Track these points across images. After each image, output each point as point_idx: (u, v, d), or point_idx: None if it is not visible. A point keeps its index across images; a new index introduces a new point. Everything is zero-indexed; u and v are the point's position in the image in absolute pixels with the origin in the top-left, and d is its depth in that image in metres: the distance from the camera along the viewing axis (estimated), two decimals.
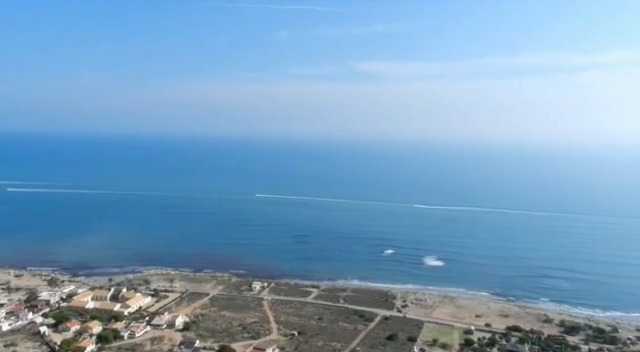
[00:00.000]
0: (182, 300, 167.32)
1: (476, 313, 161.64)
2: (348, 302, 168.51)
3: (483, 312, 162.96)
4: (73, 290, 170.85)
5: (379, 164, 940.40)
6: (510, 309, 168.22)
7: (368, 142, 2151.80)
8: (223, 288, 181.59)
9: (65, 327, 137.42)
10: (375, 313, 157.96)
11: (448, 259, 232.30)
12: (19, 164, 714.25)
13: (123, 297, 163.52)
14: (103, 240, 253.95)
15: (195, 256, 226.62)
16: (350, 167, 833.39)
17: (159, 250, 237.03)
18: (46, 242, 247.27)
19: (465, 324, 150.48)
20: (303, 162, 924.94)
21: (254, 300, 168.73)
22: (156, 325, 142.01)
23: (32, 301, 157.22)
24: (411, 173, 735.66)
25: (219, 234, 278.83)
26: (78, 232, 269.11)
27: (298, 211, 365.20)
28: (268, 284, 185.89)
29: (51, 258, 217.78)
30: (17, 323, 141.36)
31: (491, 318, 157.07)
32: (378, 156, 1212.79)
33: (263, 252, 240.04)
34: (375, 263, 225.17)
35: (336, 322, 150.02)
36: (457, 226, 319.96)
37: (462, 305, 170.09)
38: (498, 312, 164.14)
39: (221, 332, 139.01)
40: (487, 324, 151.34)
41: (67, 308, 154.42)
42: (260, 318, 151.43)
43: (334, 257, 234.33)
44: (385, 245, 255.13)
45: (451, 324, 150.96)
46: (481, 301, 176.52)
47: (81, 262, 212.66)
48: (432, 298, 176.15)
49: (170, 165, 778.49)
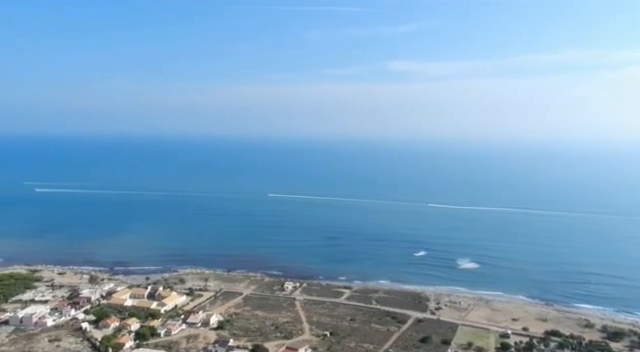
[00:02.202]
0: (216, 299, 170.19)
1: (513, 317, 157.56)
2: (380, 303, 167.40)
3: (520, 316, 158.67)
4: (112, 288, 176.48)
5: (406, 162, 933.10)
6: (548, 313, 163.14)
7: (399, 141, 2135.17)
8: (256, 288, 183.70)
9: (105, 324, 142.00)
10: (408, 315, 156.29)
11: (482, 261, 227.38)
12: (50, 166, 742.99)
13: (159, 295, 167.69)
14: (138, 240, 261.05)
15: (228, 256, 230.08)
16: (375, 166, 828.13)
17: (193, 250, 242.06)
18: (85, 241, 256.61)
19: (501, 328, 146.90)
20: (327, 162, 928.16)
21: (286, 300, 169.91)
22: (191, 323, 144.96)
23: (74, 298, 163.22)
24: (439, 172, 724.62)
25: (251, 234, 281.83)
26: (114, 232, 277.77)
27: (324, 211, 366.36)
28: (300, 284, 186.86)
29: (91, 257, 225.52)
30: (61, 319, 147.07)
31: (528, 322, 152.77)
32: (406, 155, 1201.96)
33: (294, 252, 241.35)
34: (407, 264, 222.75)
35: (368, 323, 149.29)
36: (489, 227, 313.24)
37: (498, 308, 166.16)
38: (536, 316, 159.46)
39: (254, 331, 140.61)
40: (524, 328, 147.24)
41: (107, 305, 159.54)
42: (292, 318, 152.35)
43: (365, 258, 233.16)
44: (416, 246, 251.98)
45: (486, 327, 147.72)
46: (517, 304, 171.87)
47: (119, 261, 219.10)
48: (466, 301, 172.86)
49: (203, 166, 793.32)
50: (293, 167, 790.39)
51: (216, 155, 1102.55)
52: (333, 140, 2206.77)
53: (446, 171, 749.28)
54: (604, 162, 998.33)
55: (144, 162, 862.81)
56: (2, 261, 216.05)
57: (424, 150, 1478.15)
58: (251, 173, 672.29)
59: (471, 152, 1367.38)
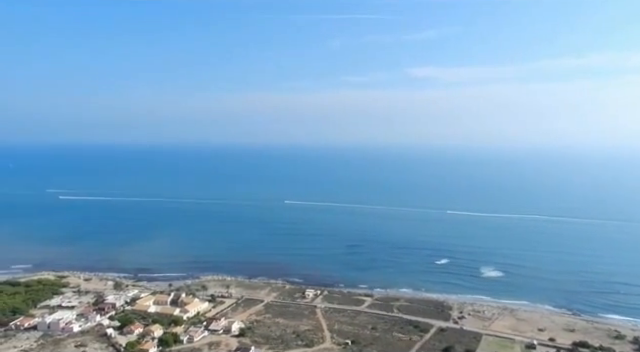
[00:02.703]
0: (238, 306, 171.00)
1: (539, 327, 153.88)
2: (402, 312, 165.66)
3: (546, 326, 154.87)
4: (136, 294, 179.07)
5: (424, 169, 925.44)
6: (576, 323, 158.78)
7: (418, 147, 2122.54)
8: (277, 295, 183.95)
9: (129, 330, 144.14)
10: (430, 324, 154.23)
11: (506, 270, 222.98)
12: (73, 174, 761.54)
13: (182, 302, 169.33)
14: (161, 246, 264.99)
15: (249, 263, 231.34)
16: (393, 173, 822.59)
17: (214, 256, 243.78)
18: (110, 248, 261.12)
19: (527, 338, 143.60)
20: (345, 169, 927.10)
21: (307, 308, 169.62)
22: (213, 330, 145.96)
23: (99, 304, 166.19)
24: (458, 179, 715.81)
25: (270, 241, 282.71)
26: (137, 239, 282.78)
27: (342, 218, 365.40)
28: (321, 292, 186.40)
29: (116, 263, 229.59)
30: (86, 325, 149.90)
31: (555, 332, 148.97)
32: (425, 161, 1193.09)
33: (314, 259, 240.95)
34: (428, 272, 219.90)
35: (390, 332, 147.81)
36: (512, 235, 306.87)
37: (523, 318, 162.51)
38: (563, 326, 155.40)
39: (275, 339, 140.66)
40: (551, 339, 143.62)
41: (131, 311, 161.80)
42: (313, 326, 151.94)
43: (385, 265, 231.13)
44: (437, 254, 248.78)
45: (511, 337, 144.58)
46: (543, 314, 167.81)
47: (143, 267, 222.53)
48: (490, 310, 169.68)
49: (222, 173, 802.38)
50: (309, 174, 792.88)
51: (234, 162, 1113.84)
52: (351, 147, 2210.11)
53: (465, 177, 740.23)
54: (631, 168, 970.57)
55: (164, 170, 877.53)
56: (31, 267, 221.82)
57: (443, 156, 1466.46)
58: (267, 180, 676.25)
59: (491, 158, 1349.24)
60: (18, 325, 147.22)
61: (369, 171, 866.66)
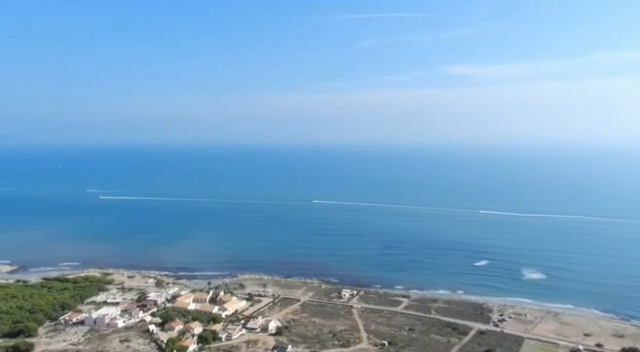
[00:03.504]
0: (274, 305, 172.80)
1: (584, 332, 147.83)
2: (440, 313, 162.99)
3: (593, 331, 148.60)
4: (177, 292, 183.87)
5: (457, 168, 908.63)
6: (626, 329, 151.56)
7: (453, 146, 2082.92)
8: (313, 294, 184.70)
9: (170, 326, 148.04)
10: (469, 326, 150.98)
11: (549, 272, 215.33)
12: (112, 174, 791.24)
13: (221, 300, 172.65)
14: (199, 245, 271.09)
15: (285, 262, 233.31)
16: (424, 172, 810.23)
17: (251, 256, 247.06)
18: (151, 246, 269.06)
19: (572, 343, 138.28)
20: (376, 168, 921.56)
21: (344, 308, 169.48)
22: (251, 328, 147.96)
23: (142, 301, 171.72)
24: (491, 178, 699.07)
25: (305, 241, 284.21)
26: (176, 238, 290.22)
27: (373, 218, 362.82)
28: (357, 292, 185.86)
29: (157, 261, 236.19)
30: (130, 321, 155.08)
31: (603, 338, 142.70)
32: (459, 160, 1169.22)
33: (350, 260, 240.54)
34: (467, 274, 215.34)
35: (428, 334, 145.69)
36: (553, 236, 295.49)
37: (568, 322, 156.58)
38: (611, 332, 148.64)
39: (312, 338, 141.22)
40: (598, 344, 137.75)
41: (172, 308, 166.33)
42: (350, 326, 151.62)
43: (422, 266, 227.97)
44: (475, 255, 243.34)
45: (555, 342, 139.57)
46: (590, 318, 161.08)
47: (182, 266, 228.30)
48: (533, 313, 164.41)
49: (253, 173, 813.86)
50: (338, 174, 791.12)
51: (264, 163, 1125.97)
52: (386, 146, 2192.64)
53: (501, 176, 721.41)
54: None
55: (198, 170, 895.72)
56: (79, 264, 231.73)
57: (481, 155, 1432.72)
58: (296, 180, 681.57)
59: (532, 157, 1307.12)
60: (67, 320, 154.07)
61: (400, 170, 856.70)
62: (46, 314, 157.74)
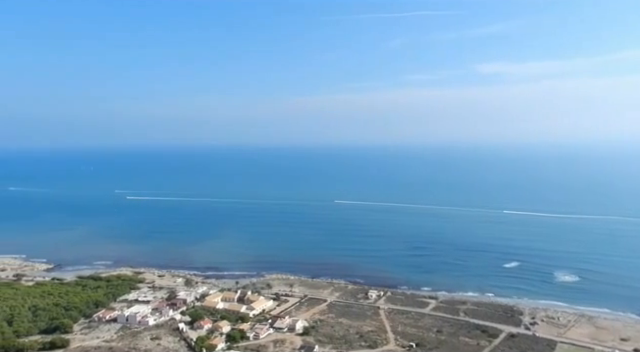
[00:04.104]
0: (301, 305, 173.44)
1: (621, 336, 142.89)
2: (469, 315, 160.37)
3: (630, 335, 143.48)
4: (205, 291, 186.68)
5: (482, 167, 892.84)
6: None
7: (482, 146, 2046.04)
8: (340, 295, 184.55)
9: (199, 325, 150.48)
10: (499, 329, 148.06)
11: (583, 275, 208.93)
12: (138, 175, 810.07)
13: (248, 299, 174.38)
14: (227, 245, 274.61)
15: (311, 262, 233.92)
16: (448, 173, 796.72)
17: (277, 256, 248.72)
18: (180, 246, 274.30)
19: (608, 348, 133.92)
20: (399, 168, 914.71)
21: (370, 308, 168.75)
22: (278, 328, 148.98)
23: (172, 299, 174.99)
24: (515, 177, 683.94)
25: (330, 241, 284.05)
26: (203, 238, 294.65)
27: (397, 218, 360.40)
28: (384, 293, 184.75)
29: (186, 261, 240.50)
30: (160, 319, 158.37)
31: None
32: (486, 160, 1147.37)
33: (376, 260, 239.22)
34: (496, 276, 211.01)
35: (456, 336, 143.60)
36: (586, 237, 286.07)
37: (603, 326, 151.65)
38: None
39: (339, 339, 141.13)
40: (636, 349, 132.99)
41: (200, 307, 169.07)
42: (377, 327, 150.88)
43: (450, 268, 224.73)
44: (505, 257, 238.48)
45: (590, 346, 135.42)
46: (627, 323, 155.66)
47: (211, 265, 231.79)
48: (566, 316, 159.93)
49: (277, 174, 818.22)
50: (360, 174, 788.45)
51: (288, 163, 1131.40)
52: (412, 146, 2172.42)
53: (525, 176, 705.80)
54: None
55: (224, 171, 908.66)
56: (111, 263, 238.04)
57: (504, 154, 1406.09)
58: (318, 180, 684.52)
59: (560, 155, 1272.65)
60: (100, 317, 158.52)
61: (424, 170, 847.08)
62: (80, 311, 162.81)
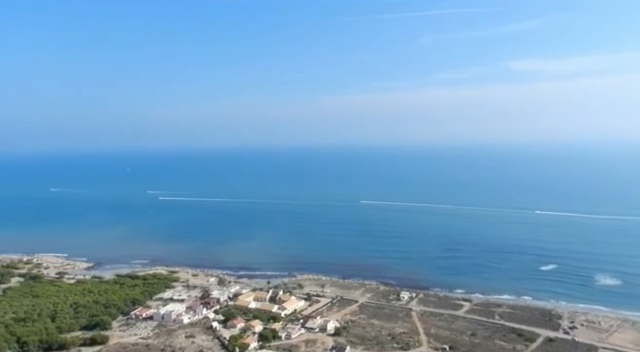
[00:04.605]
0: (333, 305, 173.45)
1: None
2: (504, 319, 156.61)
3: None
4: (238, 290, 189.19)
5: (512, 167, 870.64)
6: None
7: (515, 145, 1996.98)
8: (371, 296, 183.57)
9: (232, 324, 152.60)
10: (537, 333, 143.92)
11: (626, 279, 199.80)
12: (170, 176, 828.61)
13: (280, 299, 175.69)
14: (258, 245, 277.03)
15: (342, 263, 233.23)
16: (478, 172, 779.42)
17: (308, 256, 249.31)
18: (213, 246, 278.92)
19: None
20: (428, 168, 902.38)
21: (402, 310, 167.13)
22: (309, 328, 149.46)
23: (205, 298, 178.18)
24: (547, 177, 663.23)
25: (361, 242, 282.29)
26: (236, 237, 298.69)
27: (426, 219, 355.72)
28: (416, 295, 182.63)
29: (219, 261, 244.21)
30: (194, 317, 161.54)
31: None
32: (518, 159, 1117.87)
33: (409, 261, 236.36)
34: (533, 279, 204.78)
35: (491, 339, 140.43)
36: (626, 239, 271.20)
37: None
38: None
39: (370, 340, 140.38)
40: None
41: (233, 306, 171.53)
42: (409, 329, 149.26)
43: (483, 270, 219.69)
44: (541, 259, 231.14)
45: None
46: None
47: (243, 265, 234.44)
48: (607, 321, 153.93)
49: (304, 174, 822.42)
50: (388, 174, 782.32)
51: (315, 164, 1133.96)
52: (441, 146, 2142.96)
53: (559, 175, 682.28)
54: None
55: (252, 172, 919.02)
56: (147, 262, 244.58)
57: (538, 154, 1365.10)
58: (344, 180, 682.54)
59: (598, 154, 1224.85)
60: (137, 315, 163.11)
61: (454, 171, 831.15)
62: (119, 309, 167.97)
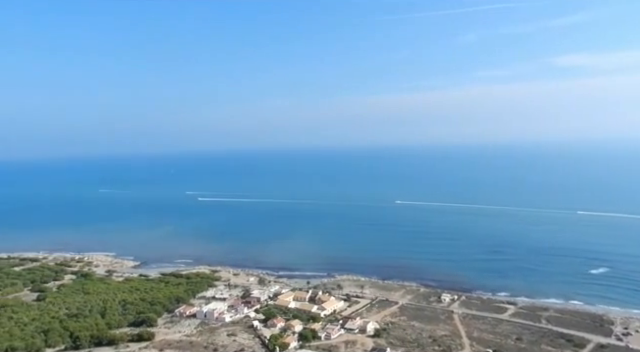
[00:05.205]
0: (372, 307, 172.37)
1: None
2: (552, 323, 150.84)
3: None
4: (278, 290, 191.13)
5: (556, 166, 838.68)
6: None
7: (558, 143, 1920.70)
8: (411, 298, 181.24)
9: (272, 323, 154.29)
10: (587, 339, 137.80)
11: None
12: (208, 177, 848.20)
13: (319, 299, 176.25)
14: (297, 246, 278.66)
15: (381, 264, 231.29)
16: (519, 171, 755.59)
17: (347, 257, 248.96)
18: (253, 245, 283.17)
19: None
20: (465, 168, 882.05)
21: (444, 312, 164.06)
22: (349, 329, 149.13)
23: (246, 297, 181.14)
24: (590, 176, 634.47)
25: (400, 243, 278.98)
26: (275, 238, 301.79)
27: (465, 219, 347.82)
28: (458, 297, 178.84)
29: (259, 260, 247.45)
30: (236, 316, 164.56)
31: None
32: (561, 158, 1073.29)
33: (449, 263, 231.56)
34: (582, 282, 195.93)
35: (538, 344, 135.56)
36: None
37: None
38: None
39: (411, 342, 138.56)
40: None
41: (273, 306, 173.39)
42: (451, 332, 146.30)
43: (529, 272, 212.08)
44: (591, 262, 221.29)
45: None
46: None
47: (282, 265, 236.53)
48: None
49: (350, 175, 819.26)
50: (426, 174, 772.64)
51: (354, 165, 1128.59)
52: (480, 145, 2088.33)
53: (603, 173, 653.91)
54: None
55: (288, 173, 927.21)
56: (190, 261, 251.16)
57: (581, 151, 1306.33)
58: (379, 181, 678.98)
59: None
60: (181, 312, 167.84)
61: (493, 170, 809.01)
62: (164, 306, 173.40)
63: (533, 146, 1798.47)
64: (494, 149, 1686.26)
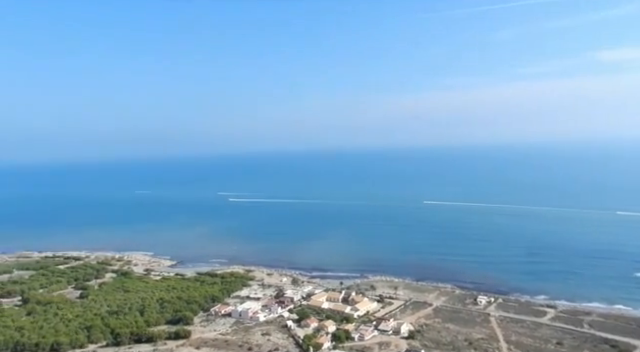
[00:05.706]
0: (406, 308, 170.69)
1: None
2: (595, 328, 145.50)
3: None
4: (311, 290, 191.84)
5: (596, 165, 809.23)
6: None
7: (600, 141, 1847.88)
8: (446, 300, 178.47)
9: (306, 323, 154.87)
10: (633, 345, 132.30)
11: None
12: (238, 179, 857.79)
13: (353, 300, 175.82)
14: (330, 246, 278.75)
15: (415, 265, 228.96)
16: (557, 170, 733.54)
17: (380, 258, 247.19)
18: (286, 246, 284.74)
19: None
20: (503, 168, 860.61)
21: (480, 315, 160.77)
22: (383, 330, 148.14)
23: (280, 297, 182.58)
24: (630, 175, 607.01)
25: (434, 244, 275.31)
26: (308, 238, 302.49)
27: (503, 220, 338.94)
28: (495, 299, 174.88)
29: (292, 260, 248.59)
30: (270, 315, 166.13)
31: None
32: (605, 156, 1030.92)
33: (485, 265, 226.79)
34: (627, 286, 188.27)
35: (580, 349, 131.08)
36: None
37: None
38: None
39: (446, 345, 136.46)
40: None
41: (307, 306, 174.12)
42: (487, 335, 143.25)
43: (569, 275, 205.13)
44: (635, 264, 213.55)
45: None
46: None
47: (315, 265, 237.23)
48: None
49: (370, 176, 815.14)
50: (458, 174, 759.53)
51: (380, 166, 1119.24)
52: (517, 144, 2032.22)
53: None
54: None
55: (314, 173, 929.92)
56: (225, 261, 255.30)
57: (624, 150, 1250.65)
58: (408, 181, 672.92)
59: None
60: (217, 311, 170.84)
61: (528, 170, 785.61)
62: (200, 305, 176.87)
63: (576, 145, 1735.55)
64: (535, 149, 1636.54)
